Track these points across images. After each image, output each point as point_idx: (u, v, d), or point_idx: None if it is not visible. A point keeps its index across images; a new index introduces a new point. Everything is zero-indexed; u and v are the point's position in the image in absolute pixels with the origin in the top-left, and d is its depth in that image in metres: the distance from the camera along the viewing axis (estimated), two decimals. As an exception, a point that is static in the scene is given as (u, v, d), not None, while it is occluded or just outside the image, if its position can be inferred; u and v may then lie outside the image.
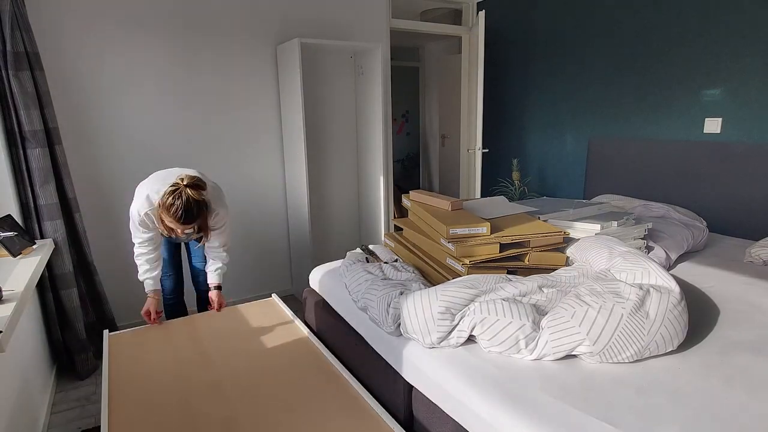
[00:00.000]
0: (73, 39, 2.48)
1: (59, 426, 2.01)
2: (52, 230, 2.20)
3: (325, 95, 3.30)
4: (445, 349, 1.36)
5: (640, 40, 2.87)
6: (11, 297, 1.44)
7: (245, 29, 2.95)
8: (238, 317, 1.97)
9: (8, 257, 1.85)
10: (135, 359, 1.64)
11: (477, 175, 3.73)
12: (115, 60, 2.60)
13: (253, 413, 1.31)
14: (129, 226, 1.98)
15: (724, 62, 2.49)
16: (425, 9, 4.18)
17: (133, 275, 2.85)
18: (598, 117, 3.21)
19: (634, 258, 1.53)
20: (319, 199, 3.43)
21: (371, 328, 1.60)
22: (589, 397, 1.10)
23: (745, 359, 1.25)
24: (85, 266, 2.46)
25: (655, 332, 1.23)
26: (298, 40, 2.73)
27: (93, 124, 2.60)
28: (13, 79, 2.02)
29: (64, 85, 2.49)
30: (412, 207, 2.04)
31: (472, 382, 1.19)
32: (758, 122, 2.40)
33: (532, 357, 1.28)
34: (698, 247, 2.18)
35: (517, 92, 3.83)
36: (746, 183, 2.43)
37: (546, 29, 3.49)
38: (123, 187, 2.73)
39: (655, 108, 2.85)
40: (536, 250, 1.72)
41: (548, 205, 2.28)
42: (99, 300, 2.52)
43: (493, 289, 1.44)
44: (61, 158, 2.26)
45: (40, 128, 2.13)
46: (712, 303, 1.61)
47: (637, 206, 2.56)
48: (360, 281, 1.72)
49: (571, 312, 1.28)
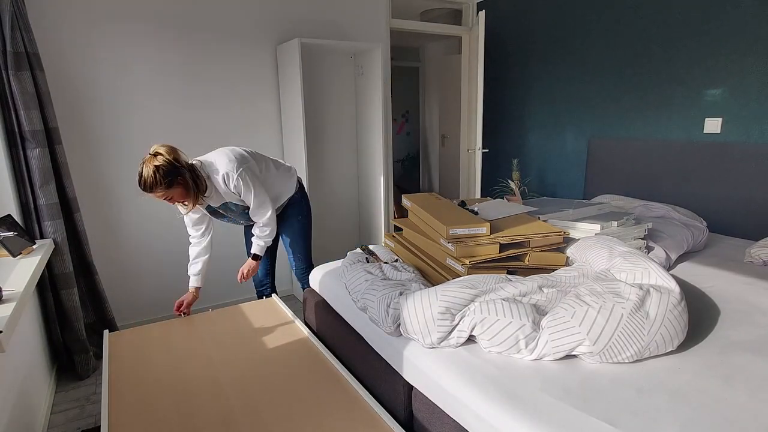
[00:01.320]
0: (73, 39, 2.48)
1: (59, 426, 2.01)
2: (52, 230, 2.20)
3: (325, 95, 3.30)
4: (445, 349, 1.36)
5: (641, 40, 2.87)
6: (11, 297, 1.44)
7: (245, 29, 2.95)
8: (238, 317, 1.96)
9: (8, 257, 1.85)
10: (135, 359, 1.64)
11: (477, 175, 3.73)
12: (116, 60, 2.60)
13: (253, 413, 1.31)
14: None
15: (724, 62, 2.49)
16: (425, 9, 4.18)
17: (133, 275, 2.87)
18: (598, 117, 3.21)
19: (634, 258, 1.53)
20: (319, 198, 3.43)
21: (371, 328, 1.60)
22: (589, 397, 1.10)
23: (745, 359, 1.25)
24: (85, 266, 2.46)
25: (655, 332, 1.23)
26: (298, 40, 2.73)
27: (93, 123, 2.60)
28: (14, 79, 2.03)
29: (64, 85, 2.49)
30: (412, 207, 2.04)
31: (472, 382, 1.19)
32: (758, 122, 2.40)
33: (532, 357, 1.28)
34: (698, 247, 2.18)
35: (517, 92, 3.83)
36: (746, 183, 2.43)
37: (546, 29, 3.49)
38: (123, 188, 2.74)
39: (655, 108, 2.85)
40: (536, 251, 1.72)
41: (548, 205, 2.28)
42: (99, 300, 2.52)
43: (493, 289, 1.44)
44: (61, 158, 2.26)
45: (40, 128, 2.13)
46: (712, 303, 1.61)
47: (637, 206, 2.56)
48: (360, 281, 1.72)
49: (571, 312, 1.28)
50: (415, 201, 2.01)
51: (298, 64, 2.76)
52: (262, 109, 3.09)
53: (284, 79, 2.99)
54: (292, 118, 2.97)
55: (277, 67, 3.08)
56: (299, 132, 2.89)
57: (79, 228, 2.39)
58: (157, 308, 2.98)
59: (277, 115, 3.16)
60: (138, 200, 2.79)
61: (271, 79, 3.09)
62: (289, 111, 2.99)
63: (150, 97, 2.73)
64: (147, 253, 2.88)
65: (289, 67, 2.88)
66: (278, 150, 3.19)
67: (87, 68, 2.54)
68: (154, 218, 2.86)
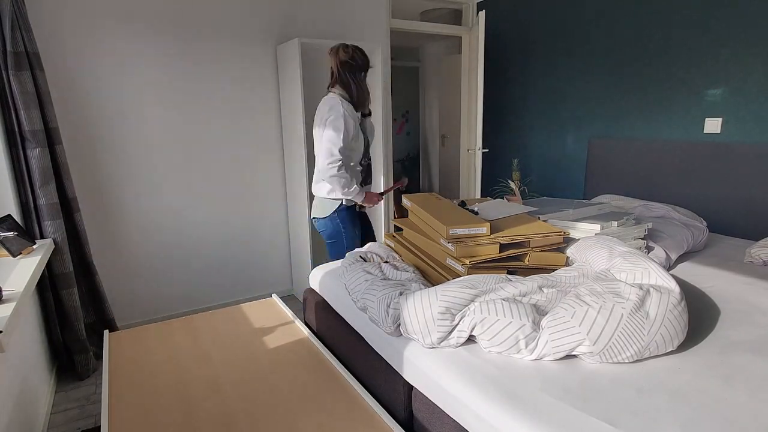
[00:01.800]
0: (74, 39, 2.48)
1: (59, 426, 2.01)
2: (52, 230, 2.20)
3: (325, 95, 3.30)
4: (445, 349, 1.36)
5: (641, 40, 2.87)
6: (11, 297, 1.44)
7: (245, 29, 2.95)
8: (238, 317, 1.97)
9: (8, 257, 1.85)
10: (135, 359, 1.64)
11: (477, 175, 3.73)
12: (116, 59, 2.60)
13: (253, 413, 1.31)
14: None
15: (724, 62, 2.49)
16: (425, 9, 4.18)
17: (133, 275, 2.87)
18: (598, 117, 3.21)
19: (634, 258, 1.53)
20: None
21: (371, 328, 1.60)
22: (589, 397, 1.10)
23: (745, 359, 1.25)
24: (85, 266, 2.46)
25: (655, 332, 1.23)
26: (298, 40, 2.73)
27: (94, 123, 2.60)
28: (14, 78, 2.03)
29: (65, 84, 2.50)
30: (412, 207, 2.04)
31: (472, 382, 1.19)
32: (758, 122, 2.40)
33: (532, 357, 1.28)
34: (698, 247, 2.18)
35: (517, 92, 3.83)
36: (746, 183, 2.43)
37: (546, 29, 3.49)
38: (123, 187, 2.74)
39: (655, 108, 2.85)
40: (536, 251, 1.72)
41: (548, 205, 2.28)
42: (99, 300, 2.52)
43: (493, 289, 1.44)
44: (61, 158, 2.26)
45: (40, 128, 2.13)
46: (712, 303, 1.61)
47: (637, 206, 2.56)
48: (359, 281, 1.72)
49: (571, 312, 1.27)
50: (416, 201, 2.01)
51: (298, 64, 2.76)
52: (262, 108, 3.09)
53: (284, 79, 2.99)
54: (292, 118, 2.97)
55: (277, 66, 3.08)
56: (299, 131, 2.89)
57: (80, 228, 2.39)
58: (158, 308, 2.98)
59: (277, 115, 3.16)
60: (139, 200, 2.79)
61: (272, 79, 3.09)
62: (289, 110, 2.99)
63: (150, 96, 2.73)
64: (148, 253, 2.88)
65: (290, 67, 2.88)
66: (278, 149, 3.19)
67: (88, 68, 2.54)
68: (155, 218, 2.86)
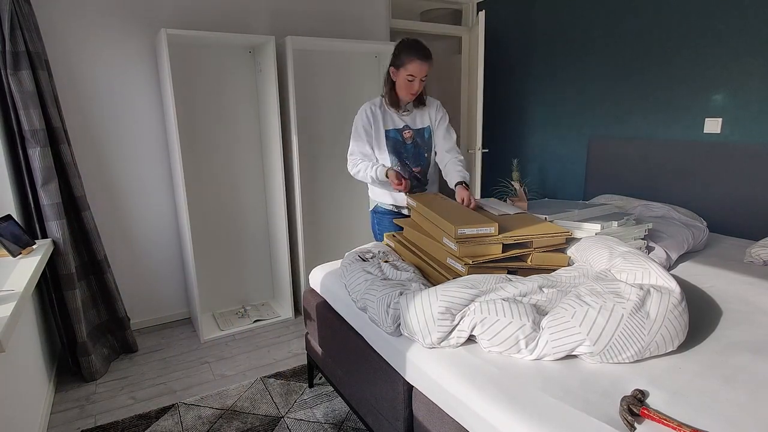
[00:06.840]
0: (82, 40, 2.53)
1: (59, 426, 2.01)
2: (54, 230, 2.18)
3: (321, 95, 3.30)
4: (446, 349, 1.36)
5: (641, 40, 2.87)
6: (11, 297, 1.44)
7: (246, 29, 2.95)
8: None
9: (8, 257, 1.85)
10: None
11: (477, 175, 3.73)
12: (118, 59, 2.62)
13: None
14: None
15: (724, 62, 2.49)
16: (425, 9, 4.18)
17: (147, 272, 2.87)
18: (598, 117, 3.21)
19: (635, 258, 1.53)
20: (318, 198, 3.42)
21: (371, 328, 1.60)
22: (589, 397, 1.10)
23: (745, 359, 1.25)
24: (96, 264, 2.44)
25: (655, 332, 1.23)
26: (290, 38, 2.73)
27: (100, 123, 2.65)
28: (12, 78, 2.02)
29: (72, 84, 2.53)
30: (416, 207, 2.03)
31: (473, 382, 1.19)
32: (758, 122, 2.40)
33: (532, 357, 1.28)
34: (698, 247, 2.18)
35: (517, 92, 3.83)
36: (746, 183, 2.43)
37: (546, 29, 3.48)
38: (134, 184, 2.79)
39: (655, 108, 2.85)
40: (539, 251, 1.72)
41: (550, 206, 2.28)
42: (111, 298, 2.51)
43: (494, 289, 1.44)
44: (66, 157, 2.25)
45: (40, 127, 2.11)
46: (712, 303, 1.61)
47: (637, 206, 2.56)
48: (359, 281, 1.71)
49: (572, 312, 1.27)
50: (420, 200, 2.00)
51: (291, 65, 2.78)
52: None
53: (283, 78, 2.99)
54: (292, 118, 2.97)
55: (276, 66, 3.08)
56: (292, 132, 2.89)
57: (89, 226, 2.37)
58: (171, 306, 3.00)
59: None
60: (150, 198, 2.81)
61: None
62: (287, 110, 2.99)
63: (151, 96, 2.74)
64: (160, 250, 2.91)
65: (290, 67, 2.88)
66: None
67: (96, 68, 2.58)
68: (167, 215, 2.88)
